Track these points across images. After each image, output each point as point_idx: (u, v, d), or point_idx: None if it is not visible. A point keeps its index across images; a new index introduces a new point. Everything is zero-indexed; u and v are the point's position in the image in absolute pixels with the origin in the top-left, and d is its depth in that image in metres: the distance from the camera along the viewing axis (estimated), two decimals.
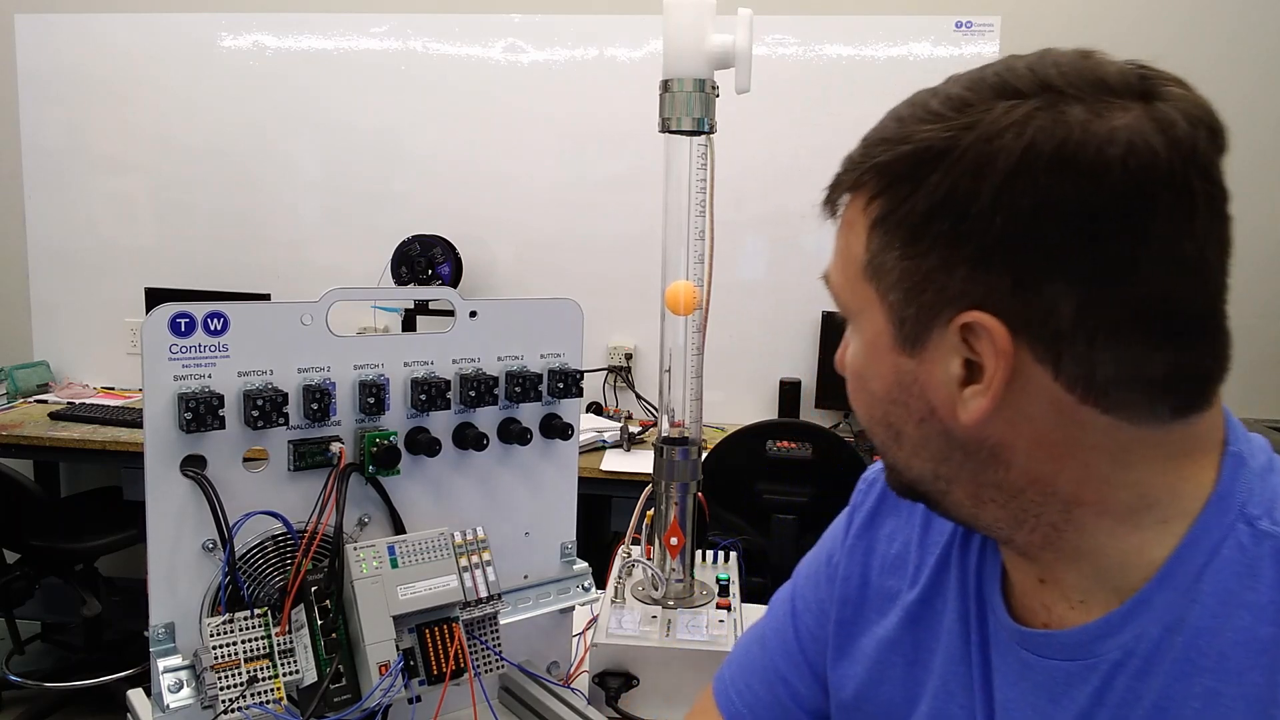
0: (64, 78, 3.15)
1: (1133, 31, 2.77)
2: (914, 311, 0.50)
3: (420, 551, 0.84)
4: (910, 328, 0.50)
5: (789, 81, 2.88)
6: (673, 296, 1.05)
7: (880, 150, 0.50)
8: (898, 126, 0.50)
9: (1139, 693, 0.50)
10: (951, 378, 0.50)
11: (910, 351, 0.51)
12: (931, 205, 0.48)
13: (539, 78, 3.01)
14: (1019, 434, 0.50)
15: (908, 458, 0.55)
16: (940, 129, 0.48)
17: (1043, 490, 0.51)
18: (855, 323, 0.56)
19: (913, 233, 0.49)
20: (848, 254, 0.54)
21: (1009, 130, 0.46)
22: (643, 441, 2.65)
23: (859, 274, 0.53)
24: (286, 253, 3.15)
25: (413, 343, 0.91)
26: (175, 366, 0.77)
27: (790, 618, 0.76)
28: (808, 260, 2.98)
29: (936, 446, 0.53)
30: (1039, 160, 0.45)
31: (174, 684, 0.76)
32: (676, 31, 1.00)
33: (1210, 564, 0.49)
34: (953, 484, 0.54)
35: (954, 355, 0.49)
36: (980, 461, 0.51)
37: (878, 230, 0.51)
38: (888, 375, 0.53)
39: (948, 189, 0.47)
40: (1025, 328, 0.47)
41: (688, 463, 1.07)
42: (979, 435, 0.50)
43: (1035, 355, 0.47)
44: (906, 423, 0.53)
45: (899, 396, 0.53)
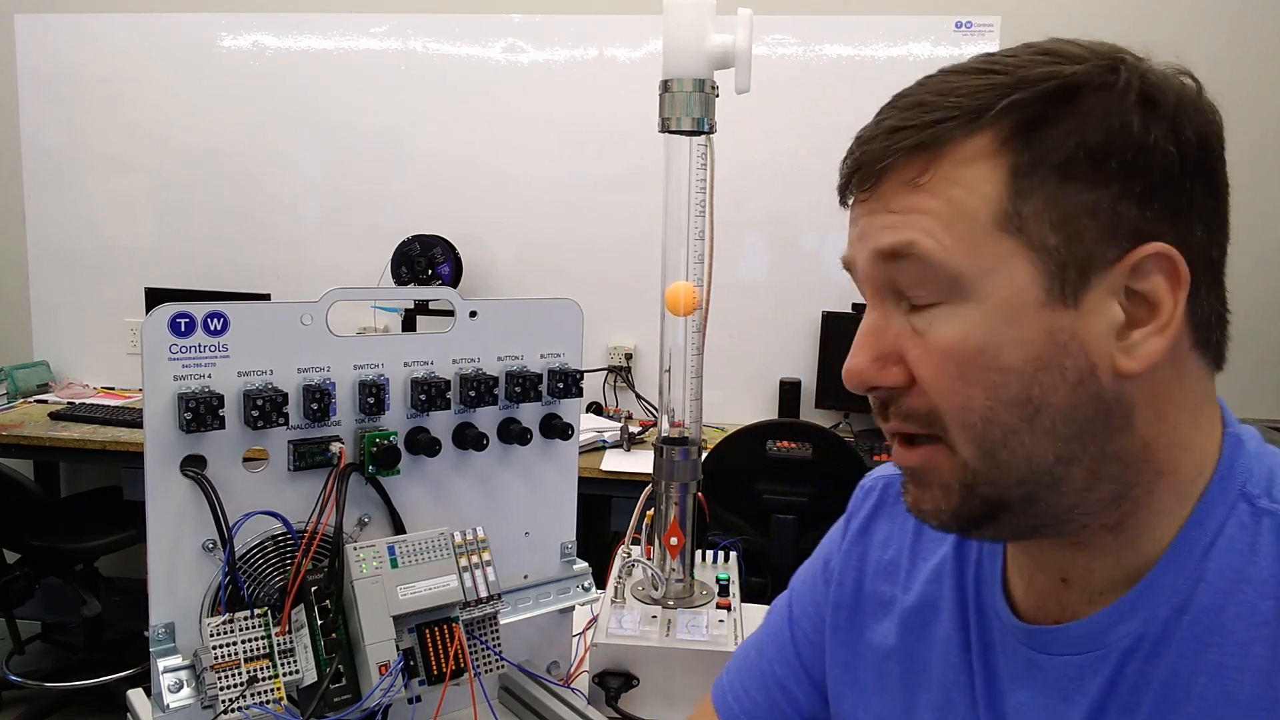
0: (64, 78, 3.15)
1: (1133, 31, 2.73)
2: (1076, 254, 0.46)
3: (420, 551, 0.84)
4: (1072, 273, 0.46)
5: (789, 81, 2.88)
6: (673, 297, 1.05)
7: (1006, 91, 0.47)
8: (1012, 69, 0.48)
9: (1149, 675, 0.50)
10: (1113, 325, 0.47)
11: (1070, 302, 0.47)
12: (1098, 140, 0.46)
13: (539, 78, 3.01)
14: (1143, 393, 0.48)
15: (1034, 444, 0.48)
16: (1086, 66, 0.47)
17: (1148, 458, 0.49)
18: (973, 290, 0.48)
19: (1073, 170, 0.46)
20: (960, 211, 0.47)
21: (1152, 72, 0.48)
22: (643, 441, 2.65)
23: (987, 228, 0.47)
24: (286, 253, 3.15)
25: (413, 343, 0.91)
26: (175, 366, 0.77)
27: (787, 624, 0.77)
28: (808, 260, 2.98)
29: (1083, 416, 0.48)
30: (1189, 99, 0.48)
31: (174, 684, 0.76)
32: (676, 31, 1.00)
33: (1215, 543, 0.49)
34: (1074, 466, 0.48)
35: (1112, 300, 0.47)
36: (1113, 428, 0.48)
37: (1021, 174, 0.46)
38: (1035, 338, 0.47)
39: (1119, 122, 0.46)
40: (1193, 258, 0.47)
41: (688, 463, 1.07)
42: (1129, 393, 0.48)
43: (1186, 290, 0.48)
44: (1056, 391, 0.47)
45: (1052, 360, 0.47)
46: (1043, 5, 2.82)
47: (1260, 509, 0.49)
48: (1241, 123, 2.49)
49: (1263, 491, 0.50)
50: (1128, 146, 0.46)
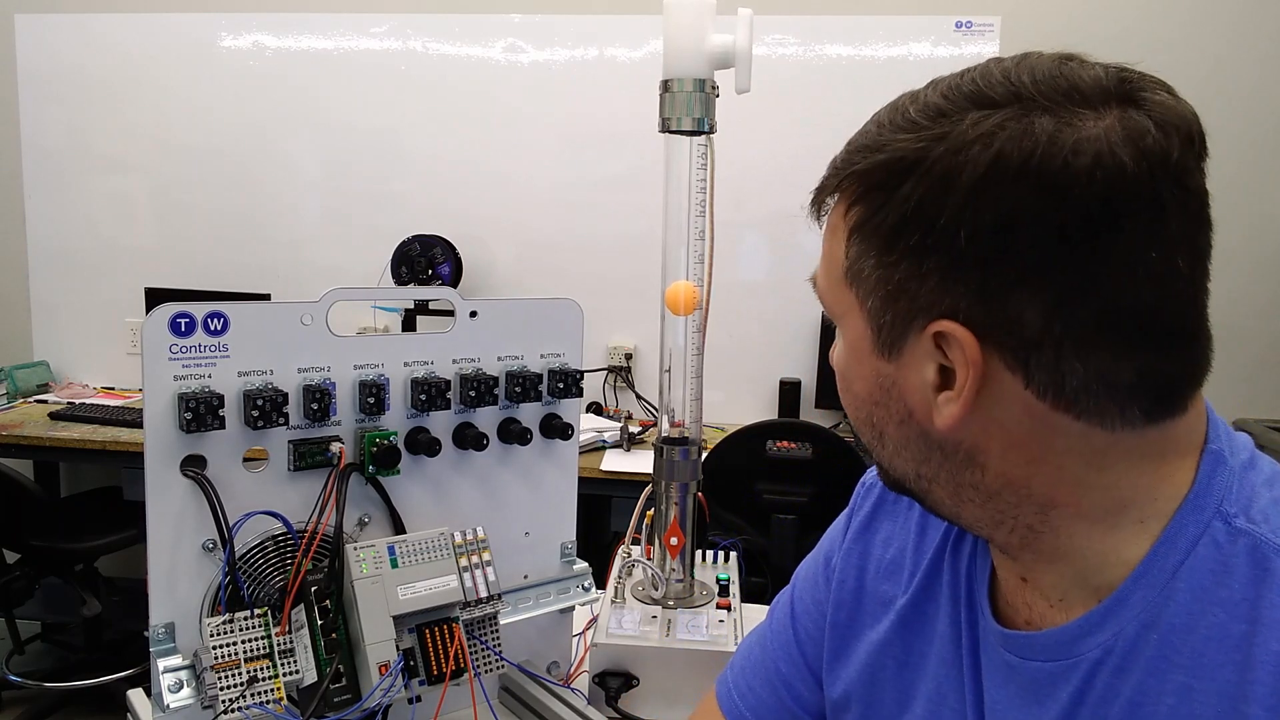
0: (64, 78, 3.15)
1: (1133, 31, 2.77)
2: (890, 318, 0.51)
3: (420, 551, 0.84)
4: (887, 334, 0.51)
5: (789, 81, 2.88)
6: (673, 296, 1.05)
7: (859, 157, 0.51)
8: (876, 133, 0.51)
9: (1117, 690, 0.51)
10: (927, 383, 0.51)
11: (888, 356, 0.52)
12: (903, 215, 0.48)
13: (539, 78, 3.01)
14: (992, 438, 0.50)
15: (890, 457, 0.56)
16: (914, 139, 0.48)
17: (1018, 492, 0.52)
18: (839, 325, 0.57)
19: (886, 241, 0.50)
20: (831, 258, 0.55)
21: (977, 142, 0.46)
22: (643, 441, 2.65)
23: (840, 278, 0.54)
24: (286, 253, 3.15)
25: (413, 343, 0.91)
26: (175, 366, 0.77)
27: (790, 619, 0.77)
28: (808, 260, 2.93)
29: (916, 448, 0.54)
30: (1005, 173, 0.45)
31: (174, 684, 0.76)
32: (676, 31, 1.00)
33: (1186, 562, 0.49)
34: (933, 483, 0.55)
35: (928, 361, 0.50)
36: (957, 463, 0.52)
37: (855, 237, 0.51)
38: (869, 378, 0.54)
39: (918, 200, 0.47)
40: (993, 337, 0.47)
41: (688, 463, 1.07)
42: (954, 439, 0.51)
43: (1005, 363, 0.48)
44: (888, 424, 0.55)
45: (880, 398, 0.54)
46: (1043, 5, 2.82)
47: (1236, 529, 0.49)
48: (1241, 122, 2.52)
49: (1240, 510, 0.50)
50: (922, 226, 0.47)
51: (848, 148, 0.53)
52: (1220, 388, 0.53)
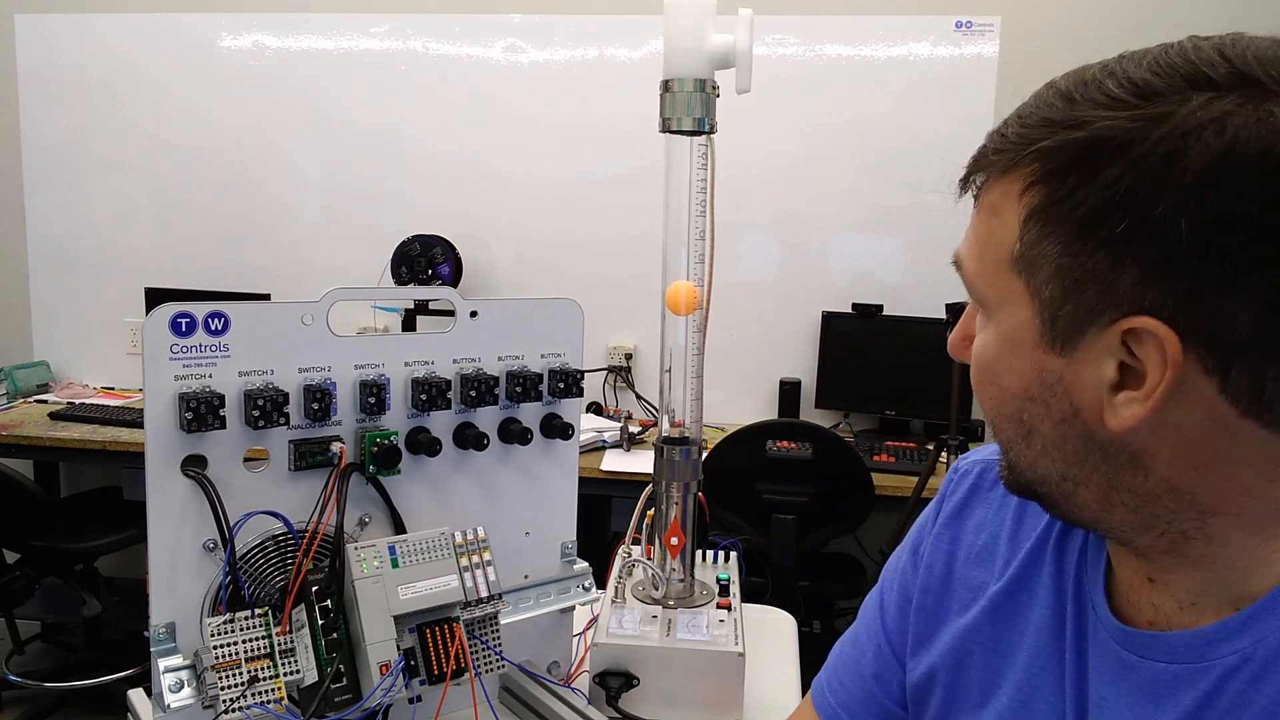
0: (64, 78, 3.15)
1: (1133, 32, 2.76)
2: (1071, 310, 0.47)
3: (421, 551, 0.84)
4: (1064, 326, 0.47)
5: (789, 81, 2.88)
6: (673, 296, 1.05)
7: (1044, 133, 0.47)
8: (1067, 108, 0.46)
9: (1250, 698, 0.49)
10: (1103, 381, 0.47)
11: (1059, 350, 0.48)
12: (1107, 200, 0.44)
13: (539, 78, 3.01)
14: (1166, 441, 0.48)
15: (1035, 457, 0.52)
16: (1125, 117, 0.44)
17: (1180, 498, 0.49)
18: (990, 314, 0.52)
19: (1081, 227, 0.45)
20: (991, 241, 0.50)
21: (1208, 127, 0.42)
22: (643, 441, 2.65)
23: (1005, 264, 0.49)
24: (286, 253, 3.15)
25: (413, 343, 0.91)
26: (176, 366, 0.77)
27: (879, 611, 0.76)
28: (808, 260, 2.98)
29: (1073, 449, 0.50)
30: (1240, 164, 0.42)
31: (174, 684, 0.76)
32: (676, 31, 1.00)
33: None
34: (1081, 486, 0.51)
35: (1109, 358, 0.47)
36: (1118, 466, 0.49)
37: (1036, 220, 0.47)
38: (1027, 372, 0.50)
39: (1129, 185, 0.43)
40: (1197, 338, 0.44)
41: (688, 463, 1.07)
42: (1123, 440, 0.48)
43: (1204, 366, 0.45)
44: (1043, 422, 0.51)
45: (1039, 394, 0.50)
46: (1043, 5, 2.82)
47: None
48: None
49: None
50: (1132, 214, 0.44)
51: (1022, 121, 0.48)
52: None
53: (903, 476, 2.42)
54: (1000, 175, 0.49)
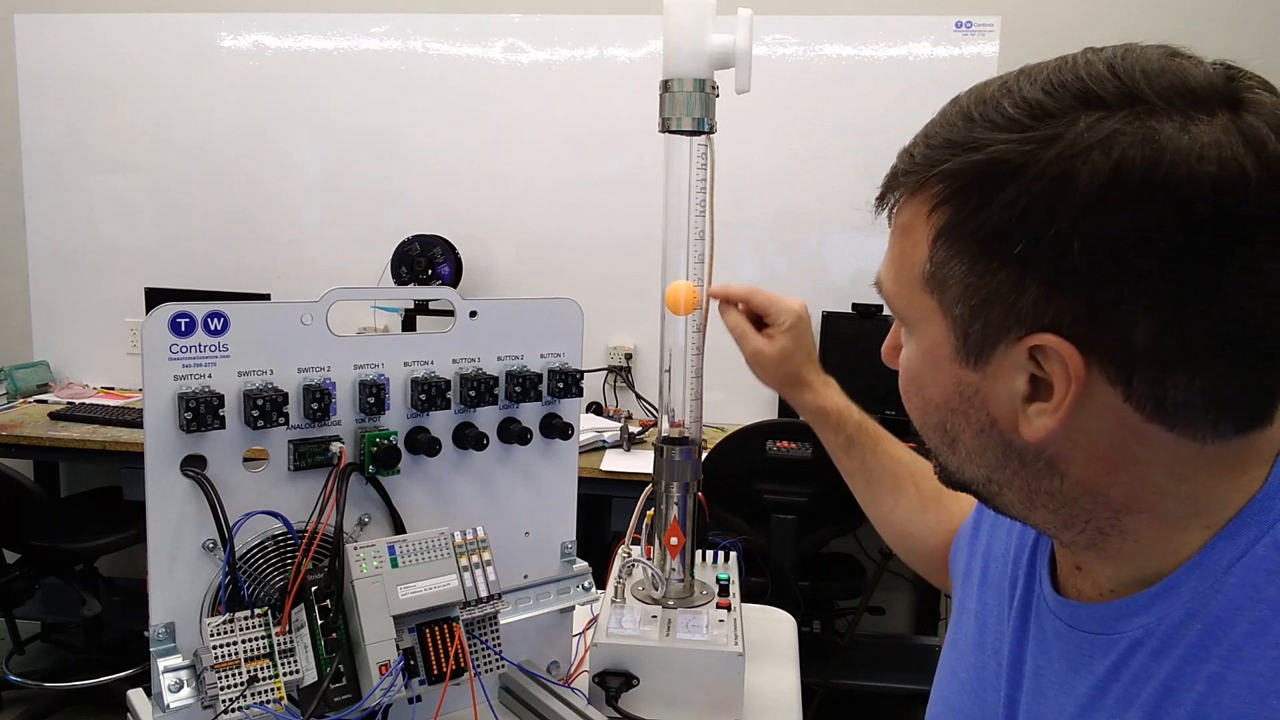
0: (64, 78, 3.15)
1: (1133, 32, 2.75)
2: (979, 328, 0.48)
3: (420, 551, 0.84)
4: (975, 343, 0.49)
5: (789, 81, 2.88)
6: (673, 296, 1.05)
7: (946, 154, 0.48)
8: (967, 129, 0.47)
9: (1152, 672, 0.51)
10: (1015, 393, 0.49)
11: (973, 365, 0.50)
12: (1005, 222, 0.45)
13: (539, 78, 3.01)
14: (1079, 447, 0.49)
15: (961, 462, 0.55)
16: (1017, 140, 0.45)
17: (1095, 499, 0.51)
18: (911, 330, 0.54)
19: (983, 248, 0.47)
20: (904, 260, 0.52)
21: (1095, 148, 0.43)
22: (643, 441, 2.65)
23: (918, 283, 0.51)
24: (286, 253, 3.15)
25: (413, 343, 0.91)
26: (175, 366, 0.77)
27: None
28: (808, 260, 2.98)
29: (993, 455, 0.52)
30: (1128, 182, 0.42)
31: (174, 684, 0.76)
32: (676, 31, 1.00)
33: (1242, 559, 0.49)
34: (1005, 488, 0.54)
35: (1020, 372, 0.48)
36: (1036, 472, 0.51)
37: (943, 241, 0.49)
38: (947, 384, 0.52)
39: (1024, 207, 0.45)
40: (1098, 352, 0.46)
41: (688, 463, 1.07)
42: (1039, 448, 0.50)
43: (1107, 377, 0.46)
44: (964, 431, 0.53)
45: (958, 406, 0.52)
46: (1043, 5, 2.82)
47: None
48: None
49: None
50: (1028, 235, 0.45)
51: (928, 141, 0.50)
52: None
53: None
54: (910, 196, 0.51)
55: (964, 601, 0.73)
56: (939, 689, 0.73)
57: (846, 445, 0.98)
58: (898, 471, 0.95)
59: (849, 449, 0.98)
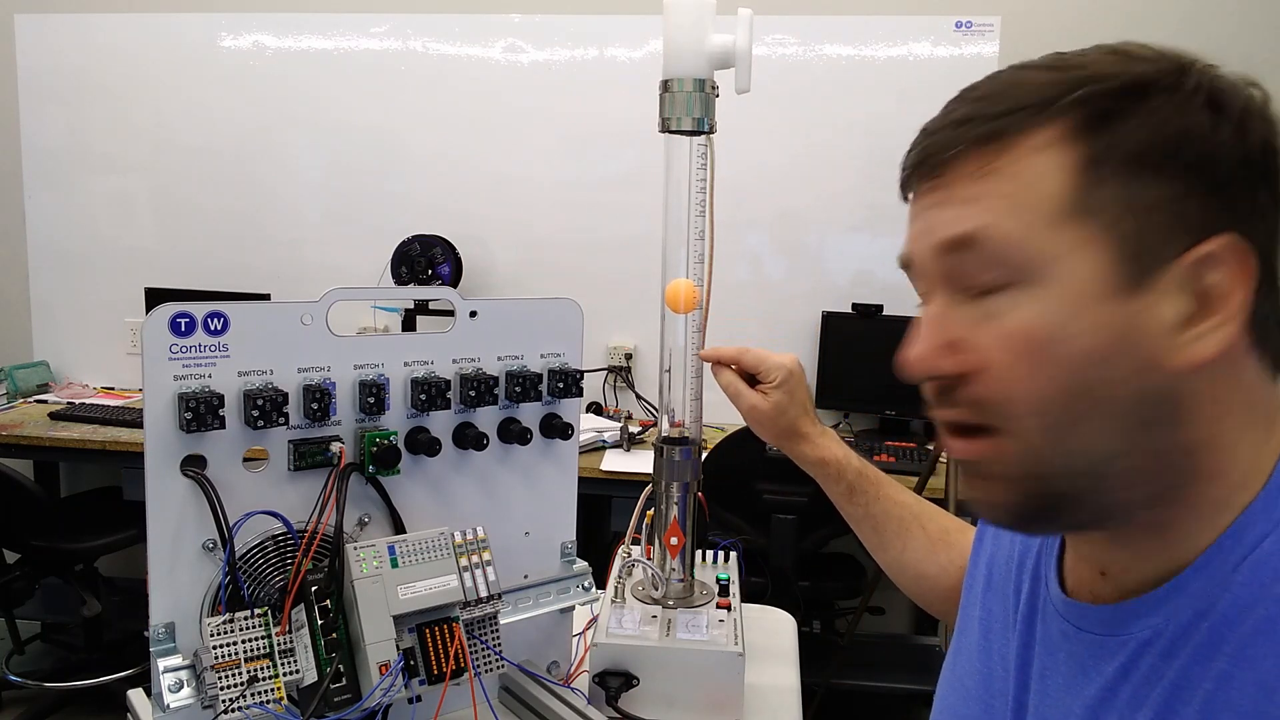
0: (64, 78, 3.15)
1: (1131, 32, 2.75)
2: (1145, 244, 0.47)
3: (420, 551, 0.84)
4: (1141, 263, 0.47)
5: (789, 81, 2.88)
6: (672, 295, 1.05)
7: (1058, 91, 0.49)
8: (1069, 71, 0.50)
9: (1161, 672, 0.51)
10: (1179, 317, 0.47)
11: (1137, 291, 0.47)
12: (1164, 137, 0.47)
13: (539, 78, 3.01)
14: (1202, 385, 0.49)
15: (1089, 438, 0.49)
16: (1152, 66, 0.49)
17: (1192, 459, 0.50)
18: (1038, 279, 0.49)
19: (1142, 163, 0.47)
20: (1029, 196, 0.49)
21: (1220, 79, 0.49)
22: (643, 441, 2.65)
23: (1057, 216, 0.48)
24: (286, 253, 3.15)
25: (413, 343, 0.91)
26: (175, 366, 0.77)
27: None
28: (808, 260, 2.98)
29: (1134, 413, 0.49)
30: (1255, 107, 0.49)
31: (174, 684, 0.76)
32: (676, 31, 1.00)
33: (1250, 556, 0.49)
34: (1123, 460, 0.50)
35: (1180, 293, 0.47)
36: (1164, 424, 0.49)
37: (1092, 164, 0.48)
38: (1099, 329, 0.48)
39: (1185, 122, 0.47)
40: (1261, 254, 0.48)
41: (688, 463, 1.07)
42: (1183, 389, 0.48)
43: (1259, 289, 0.48)
44: (1116, 383, 0.48)
45: (1118, 349, 0.48)
46: (1043, 5, 2.82)
47: None
48: None
49: None
50: (1195, 144, 0.47)
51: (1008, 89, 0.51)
52: None
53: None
54: (1026, 130, 0.49)
55: (969, 609, 0.72)
56: (944, 698, 0.72)
57: (848, 493, 0.98)
58: (902, 515, 0.95)
59: (851, 497, 0.98)
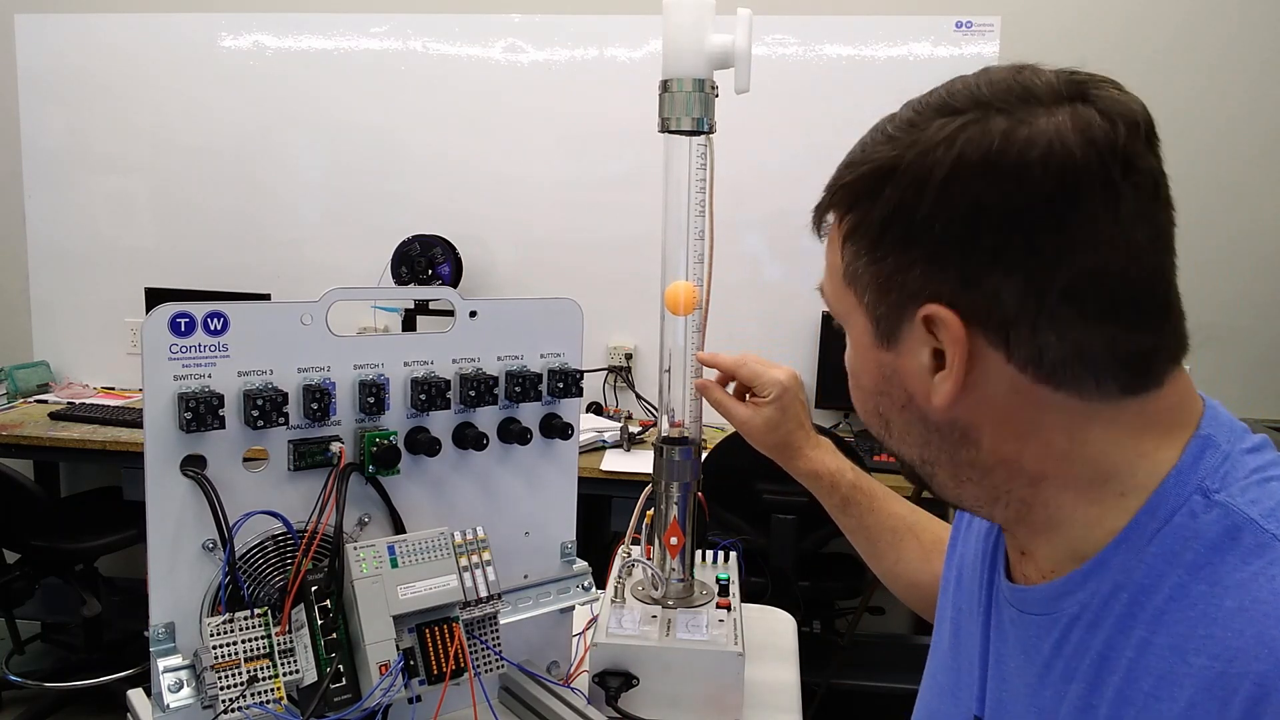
0: (64, 78, 3.15)
1: (1131, 31, 2.77)
2: (885, 310, 0.56)
3: (420, 551, 0.84)
4: (885, 325, 0.57)
5: (789, 81, 2.88)
6: (672, 297, 1.05)
7: (847, 173, 0.57)
8: (860, 151, 0.57)
9: (1088, 644, 0.55)
10: (923, 366, 0.55)
11: (887, 346, 0.57)
12: (886, 215, 0.54)
13: (539, 78, 3.01)
14: (984, 414, 0.55)
15: (897, 444, 0.61)
16: (889, 149, 0.54)
17: (1010, 467, 0.56)
18: (845, 326, 0.62)
19: (875, 241, 0.55)
20: (832, 265, 0.61)
21: (941, 145, 0.52)
22: (643, 441, 2.65)
23: (841, 282, 0.59)
24: (286, 253, 3.15)
25: (413, 343, 0.91)
26: (175, 366, 0.77)
27: None
28: (808, 260, 2.97)
29: (918, 432, 0.59)
30: (967, 168, 0.51)
31: (174, 684, 0.76)
32: (676, 31, 1.00)
33: (1162, 530, 0.52)
34: (936, 466, 0.59)
35: (922, 346, 0.55)
36: (954, 443, 0.57)
37: (849, 242, 0.57)
38: (873, 370, 0.59)
39: (897, 200, 0.53)
40: (975, 316, 0.52)
41: (688, 463, 1.07)
42: (950, 418, 0.56)
43: (988, 341, 0.53)
44: (891, 411, 0.59)
45: (884, 388, 0.59)
46: (1043, 5, 2.82)
47: (1213, 501, 0.52)
48: (1240, 122, 2.51)
49: (1222, 487, 0.52)
50: (904, 222, 0.53)
51: (839, 168, 0.59)
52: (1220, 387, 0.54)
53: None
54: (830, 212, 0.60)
55: (943, 610, 0.75)
56: (922, 695, 0.76)
57: (843, 505, 1.01)
58: (896, 526, 0.98)
59: (845, 509, 1.01)
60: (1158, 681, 0.50)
